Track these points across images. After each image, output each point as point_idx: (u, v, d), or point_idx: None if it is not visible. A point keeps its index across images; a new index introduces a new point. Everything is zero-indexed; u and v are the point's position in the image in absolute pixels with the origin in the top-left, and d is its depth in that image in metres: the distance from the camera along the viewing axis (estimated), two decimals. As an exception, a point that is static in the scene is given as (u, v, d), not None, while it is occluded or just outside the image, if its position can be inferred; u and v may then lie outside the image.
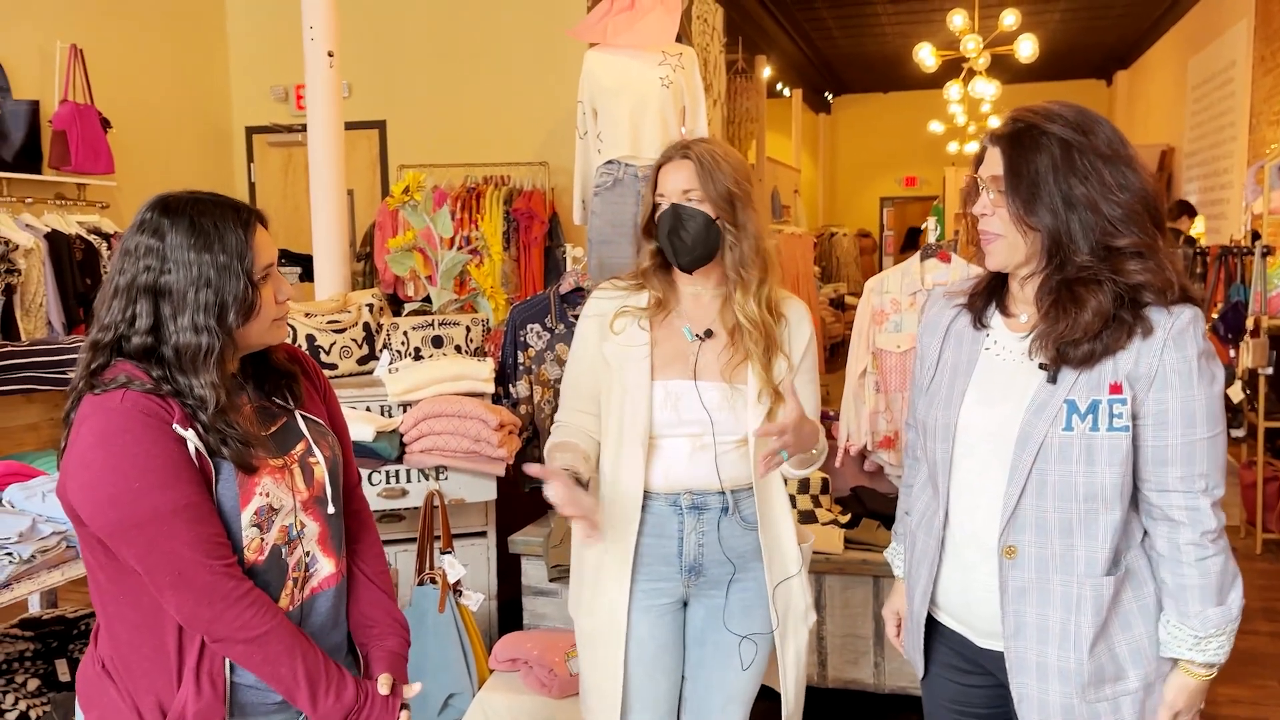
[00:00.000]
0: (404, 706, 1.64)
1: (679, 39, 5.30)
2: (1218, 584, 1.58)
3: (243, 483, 1.48)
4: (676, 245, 1.95)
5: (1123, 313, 1.54)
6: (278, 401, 1.62)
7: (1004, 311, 1.71)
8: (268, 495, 1.52)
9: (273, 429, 1.58)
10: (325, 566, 1.62)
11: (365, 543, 1.76)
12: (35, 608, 3.33)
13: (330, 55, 3.75)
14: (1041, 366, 1.59)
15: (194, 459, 1.44)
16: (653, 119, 3.66)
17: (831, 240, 13.51)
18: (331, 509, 1.63)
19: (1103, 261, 1.54)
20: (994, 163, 1.61)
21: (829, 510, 3.42)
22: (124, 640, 1.49)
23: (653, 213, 2.01)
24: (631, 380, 1.98)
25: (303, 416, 1.63)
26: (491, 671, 2.98)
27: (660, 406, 1.97)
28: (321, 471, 1.62)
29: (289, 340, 3.45)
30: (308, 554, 1.59)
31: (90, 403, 1.43)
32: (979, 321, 1.72)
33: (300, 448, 1.60)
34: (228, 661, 1.50)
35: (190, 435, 1.43)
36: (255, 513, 1.50)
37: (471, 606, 3.06)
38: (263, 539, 1.51)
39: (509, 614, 3.60)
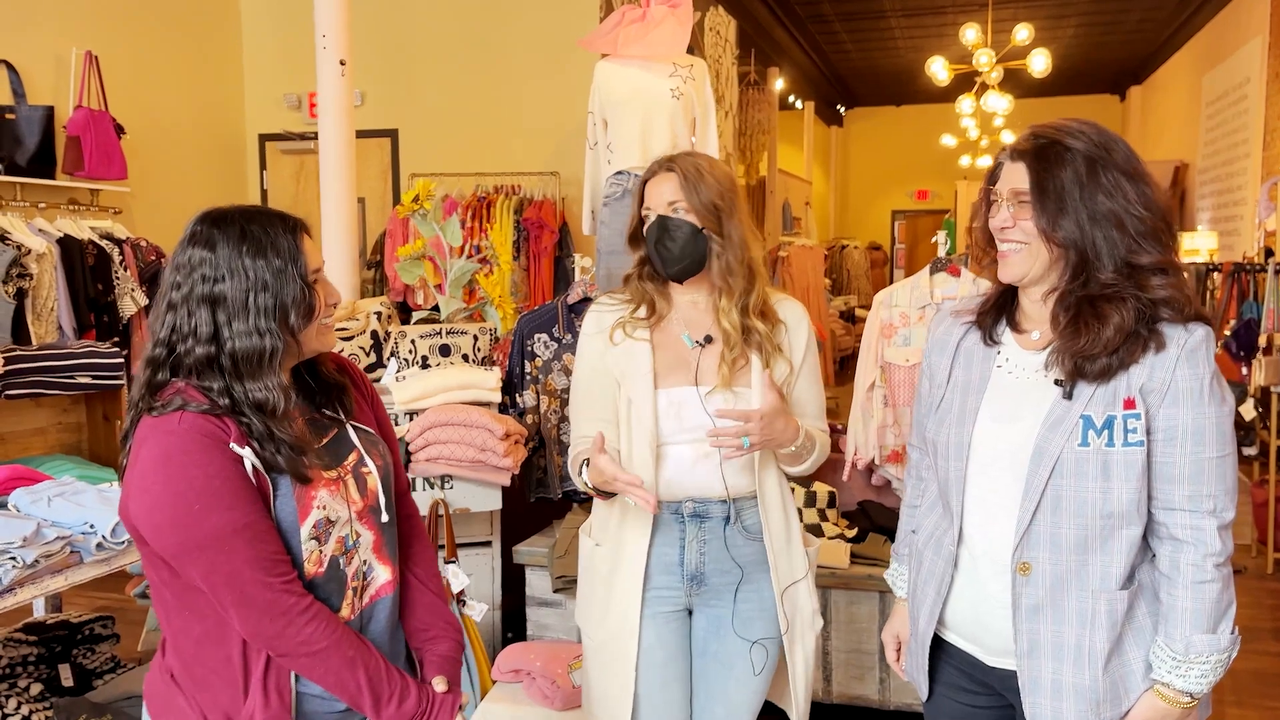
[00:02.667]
0: (460, 709, 1.66)
1: (690, 50, 5.31)
2: (1211, 611, 1.54)
3: (300, 497, 1.50)
4: (664, 255, 1.98)
5: (1139, 327, 1.54)
6: (328, 414, 1.64)
7: (1014, 328, 1.70)
8: (324, 508, 1.54)
9: (325, 440, 1.60)
10: (382, 574, 1.65)
11: (417, 548, 1.78)
12: (40, 612, 3.33)
13: (342, 64, 3.76)
14: (1057, 382, 1.58)
15: (251, 477, 1.46)
16: (662, 130, 3.66)
17: (843, 253, 13.50)
18: (385, 517, 1.65)
19: (1127, 279, 1.54)
20: (1014, 177, 1.61)
21: (835, 524, 3.40)
22: (190, 653, 1.51)
23: (639, 225, 2.05)
24: (636, 390, 1.99)
25: (354, 427, 1.65)
26: (494, 682, 2.97)
27: (664, 415, 1.97)
28: (374, 481, 1.64)
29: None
30: (365, 563, 1.62)
31: (149, 425, 1.46)
32: (989, 338, 1.71)
33: (353, 458, 1.62)
34: (293, 672, 1.52)
35: (247, 453, 1.45)
36: (314, 526, 1.52)
37: (475, 617, 3.05)
38: (321, 551, 1.54)
39: (513, 624, 3.59)
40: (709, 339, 2.02)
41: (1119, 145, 1.58)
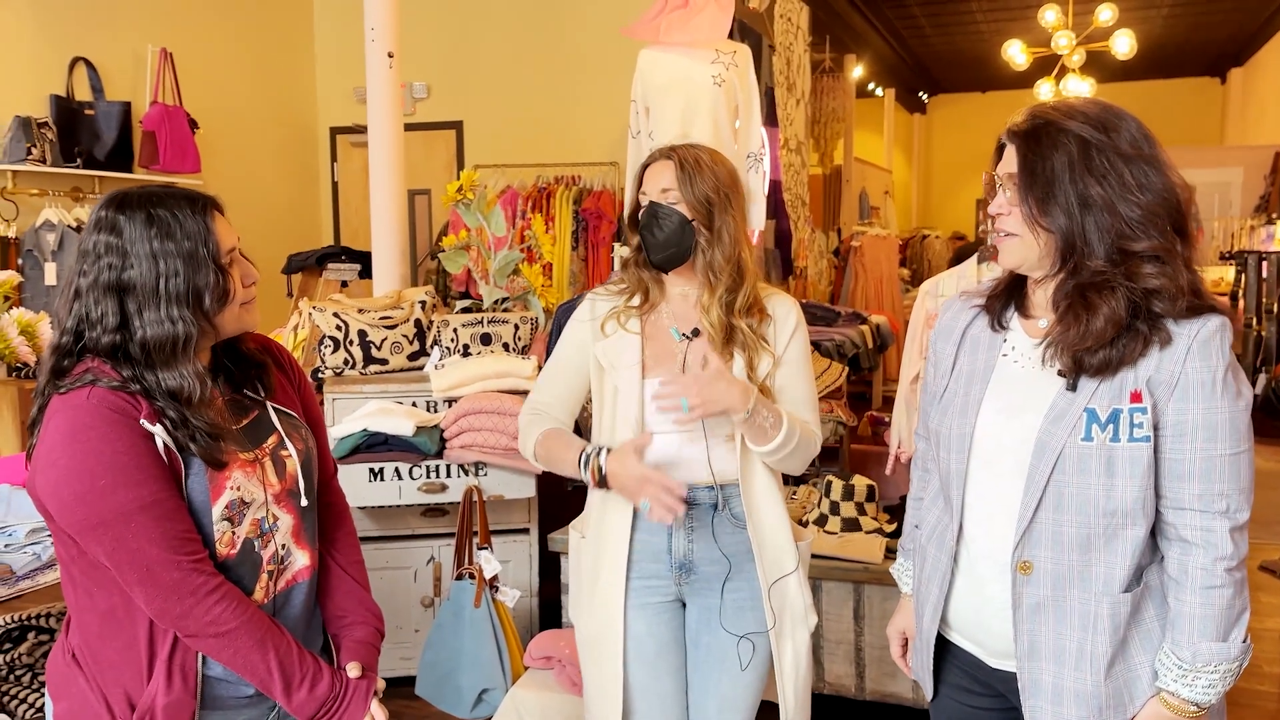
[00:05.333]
0: (376, 694, 1.63)
1: (758, 39, 5.23)
2: (1221, 618, 1.47)
3: (213, 477, 1.48)
4: (650, 241, 1.99)
5: (1138, 323, 1.47)
6: (249, 394, 1.62)
7: (1024, 314, 1.65)
8: (238, 489, 1.51)
9: (244, 422, 1.59)
10: (300, 559, 1.63)
11: (340, 534, 1.76)
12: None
13: (390, 56, 3.82)
14: (1061, 374, 1.52)
15: (162, 455, 1.44)
16: (704, 118, 3.61)
17: (923, 243, 13.22)
18: (305, 501, 1.63)
19: (1117, 266, 1.48)
20: (1010, 160, 1.56)
21: (874, 519, 3.34)
22: (95, 632, 1.49)
23: (635, 210, 2.06)
24: (623, 379, 2.00)
25: (275, 409, 1.63)
26: (526, 668, 2.99)
27: (650, 404, 1.97)
28: (294, 464, 1.61)
29: (337, 333, 3.52)
30: (283, 547, 1.59)
31: (57, 401, 1.43)
32: (997, 323, 1.66)
33: (272, 441, 1.60)
34: (200, 655, 1.50)
35: (158, 430, 1.43)
36: (226, 506, 1.50)
37: (508, 603, 3.08)
38: (234, 533, 1.51)
39: (552, 612, 3.61)
40: (696, 332, 2.02)
41: (1125, 125, 1.50)
